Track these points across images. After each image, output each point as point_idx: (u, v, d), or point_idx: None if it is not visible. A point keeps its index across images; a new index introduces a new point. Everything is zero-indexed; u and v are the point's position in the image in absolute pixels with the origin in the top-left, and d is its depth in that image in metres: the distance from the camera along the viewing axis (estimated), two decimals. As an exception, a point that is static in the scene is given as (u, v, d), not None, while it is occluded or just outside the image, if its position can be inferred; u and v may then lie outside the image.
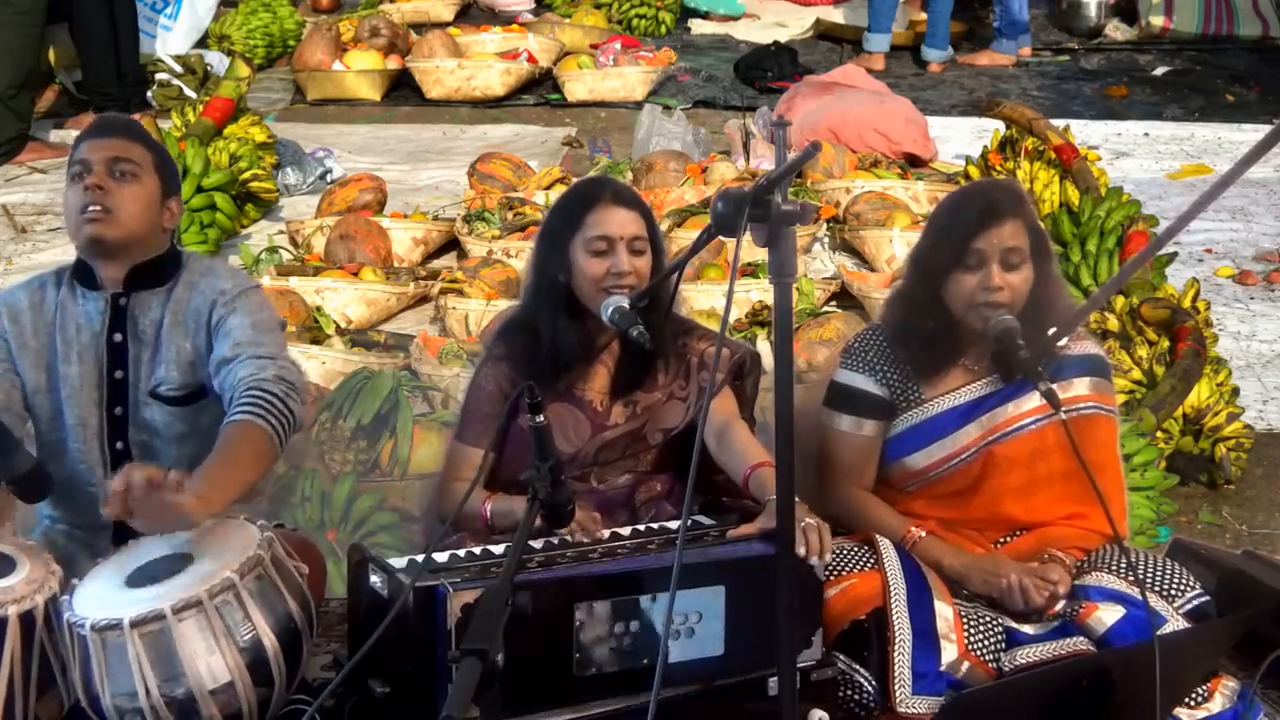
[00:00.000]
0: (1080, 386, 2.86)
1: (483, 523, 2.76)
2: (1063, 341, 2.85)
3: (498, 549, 2.59)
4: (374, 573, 2.49)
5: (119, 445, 2.79)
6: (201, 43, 8.14)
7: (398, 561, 2.52)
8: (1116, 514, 2.71)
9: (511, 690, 2.20)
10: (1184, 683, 2.61)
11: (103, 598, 2.36)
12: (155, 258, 2.81)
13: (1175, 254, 5.67)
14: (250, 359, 2.67)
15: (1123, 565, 2.73)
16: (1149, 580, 2.71)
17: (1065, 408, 2.67)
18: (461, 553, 2.57)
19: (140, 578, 2.40)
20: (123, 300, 2.79)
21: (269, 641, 2.37)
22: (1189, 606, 2.70)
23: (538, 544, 2.58)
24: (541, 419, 2.22)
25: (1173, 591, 2.71)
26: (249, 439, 2.55)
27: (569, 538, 2.60)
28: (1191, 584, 2.74)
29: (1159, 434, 4.30)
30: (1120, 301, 4.86)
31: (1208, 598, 2.74)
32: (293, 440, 2.71)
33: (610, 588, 2.43)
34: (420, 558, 2.51)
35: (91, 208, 2.71)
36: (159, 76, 7.58)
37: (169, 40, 7.93)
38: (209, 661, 2.30)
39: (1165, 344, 4.60)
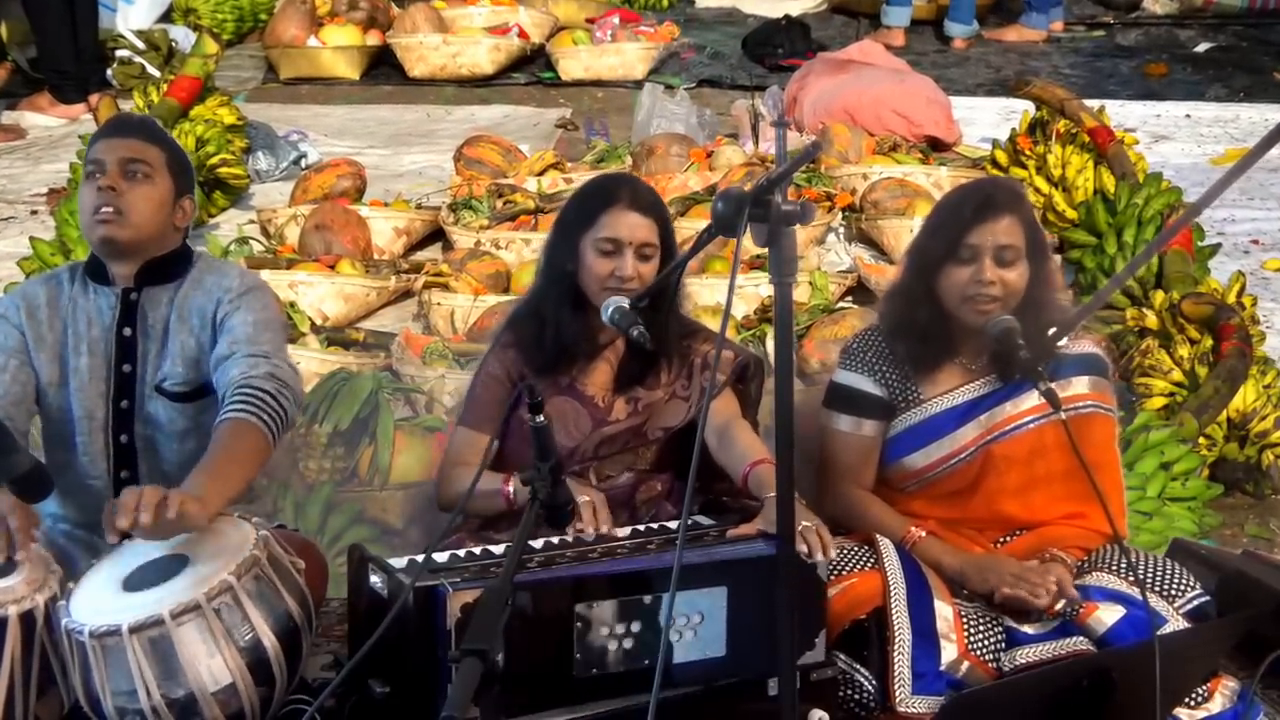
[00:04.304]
0: (1079, 385, 3.04)
1: (504, 499, 2.91)
2: (1062, 341, 3.03)
3: (498, 549, 2.75)
4: (374, 573, 2.64)
5: (123, 439, 2.99)
6: (166, 17, 8.16)
7: (398, 561, 2.67)
8: (1115, 513, 2.89)
9: (512, 690, 2.35)
10: (1184, 683, 2.75)
11: (100, 603, 2.50)
12: (167, 254, 3.03)
13: (1219, 245, 5.67)
14: (244, 357, 2.87)
15: (1123, 565, 2.90)
16: (1149, 580, 2.88)
17: (1064, 407, 2.83)
18: (461, 553, 2.73)
19: (137, 581, 2.53)
20: (133, 295, 3.01)
21: (269, 641, 2.51)
22: (1189, 606, 2.86)
23: (538, 544, 2.73)
24: (542, 419, 2.34)
25: (1173, 591, 2.88)
26: (242, 436, 2.75)
27: (569, 536, 2.76)
28: (1191, 584, 2.90)
29: (1201, 440, 4.30)
30: (1159, 297, 4.87)
31: (1208, 598, 2.90)
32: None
33: (611, 588, 2.57)
34: (420, 557, 2.66)
35: (104, 209, 2.93)
36: (119, 53, 7.59)
37: (130, 14, 7.94)
38: (209, 664, 2.45)
39: (1208, 343, 4.60)
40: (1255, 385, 4.48)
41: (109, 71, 7.51)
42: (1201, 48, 8.83)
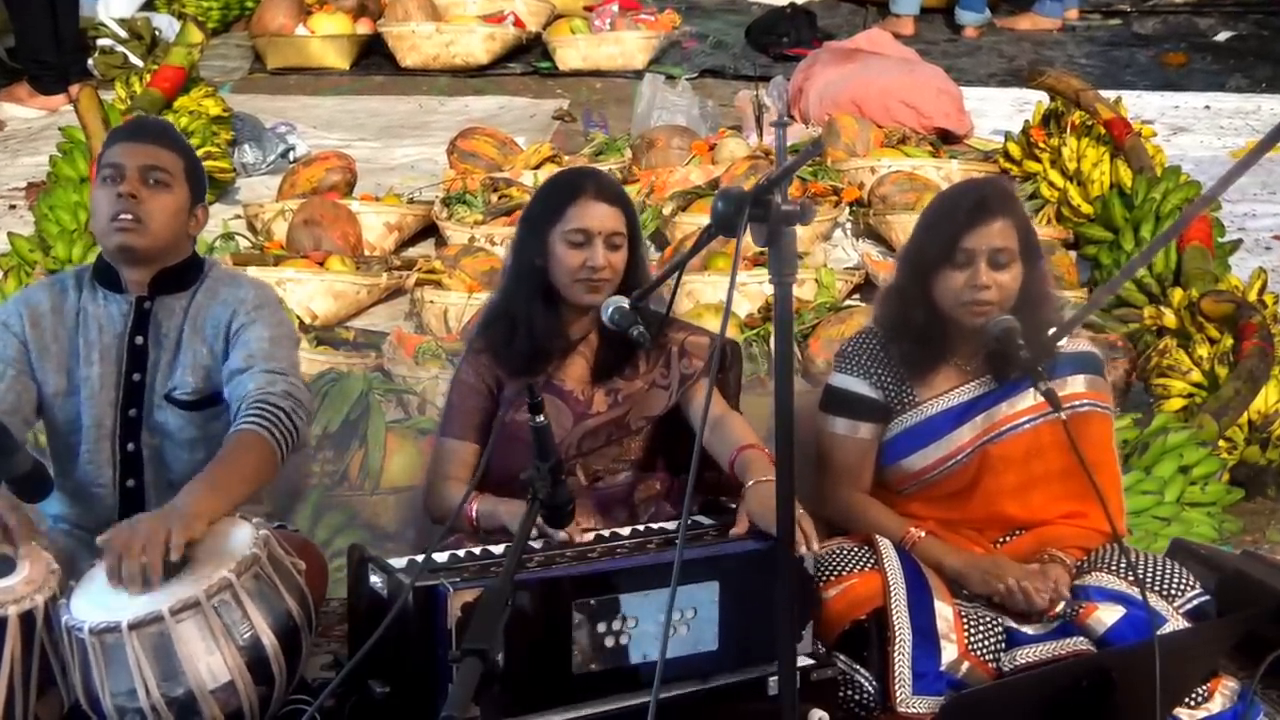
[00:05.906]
0: (1075, 384, 3.15)
1: (468, 522, 3.01)
2: (1061, 340, 3.14)
3: (498, 549, 2.84)
4: (374, 573, 2.74)
5: (130, 447, 3.06)
6: (149, 5, 8.15)
7: (398, 561, 2.77)
8: (1114, 511, 2.97)
9: (511, 689, 2.48)
10: (1184, 683, 2.84)
11: (100, 601, 2.58)
12: (180, 263, 3.11)
13: (1240, 241, 5.67)
14: (262, 372, 2.94)
15: (1123, 565, 3.00)
16: (1149, 580, 2.99)
17: (1062, 405, 2.91)
18: (461, 553, 2.82)
19: None
20: (147, 304, 3.07)
21: (268, 640, 2.59)
22: (1189, 606, 2.97)
23: (538, 544, 2.83)
24: (542, 419, 2.44)
25: (1173, 591, 2.98)
26: (251, 449, 2.83)
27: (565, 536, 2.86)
28: (1191, 584, 3.01)
29: (1221, 443, 4.31)
30: (1178, 295, 4.87)
31: (1208, 598, 3.00)
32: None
33: (609, 587, 2.68)
34: (420, 558, 2.75)
35: (123, 216, 2.98)
36: (101, 42, 7.59)
37: (112, 2, 7.93)
38: (209, 662, 2.53)
39: (1228, 342, 4.61)
40: (1277, 386, 4.48)
41: (90, 61, 7.51)
42: (1222, 36, 8.83)
